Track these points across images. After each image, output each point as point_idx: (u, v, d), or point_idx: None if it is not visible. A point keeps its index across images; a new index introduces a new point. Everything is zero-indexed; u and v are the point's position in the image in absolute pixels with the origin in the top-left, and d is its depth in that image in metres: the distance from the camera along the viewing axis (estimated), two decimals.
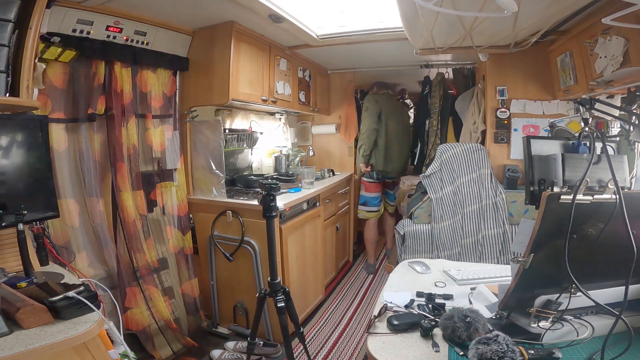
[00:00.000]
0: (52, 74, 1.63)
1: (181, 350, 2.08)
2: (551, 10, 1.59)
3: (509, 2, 1.17)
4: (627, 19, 1.20)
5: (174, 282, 2.17)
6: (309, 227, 2.44)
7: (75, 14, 1.61)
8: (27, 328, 0.96)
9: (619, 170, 0.87)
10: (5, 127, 1.27)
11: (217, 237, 2.19)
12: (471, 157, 2.42)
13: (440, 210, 2.41)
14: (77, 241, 1.75)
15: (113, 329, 1.27)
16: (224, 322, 2.33)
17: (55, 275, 1.34)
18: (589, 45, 1.71)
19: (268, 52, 2.44)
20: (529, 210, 2.23)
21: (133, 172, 1.97)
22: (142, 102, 2.04)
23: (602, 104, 1.11)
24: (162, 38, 2.02)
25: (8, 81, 1.21)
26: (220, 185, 2.23)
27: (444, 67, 3.16)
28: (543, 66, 2.33)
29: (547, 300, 0.86)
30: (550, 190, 0.88)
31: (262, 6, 1.85)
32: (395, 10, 1.82)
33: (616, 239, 0.80)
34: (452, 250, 2.36)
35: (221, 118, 2.34)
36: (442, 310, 1.03)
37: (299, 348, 2.02)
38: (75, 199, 1.75)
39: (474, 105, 2.70)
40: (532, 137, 0.94)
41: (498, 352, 0.73)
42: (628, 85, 1.56)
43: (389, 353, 0.88)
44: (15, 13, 1.20)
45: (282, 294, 1.57)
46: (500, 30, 1.88)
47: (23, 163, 1.31)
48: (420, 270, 1.42)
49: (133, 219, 1.93)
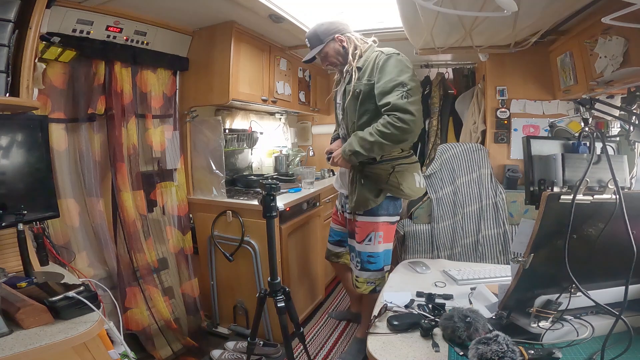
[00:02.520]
0: (52, 74, 1.63)
1: (181, 351, 2.08)
2: (551, 9, 1.59)
3: (509, 2, 1.17)
4: (627, 19, 1.20)
5: (174, 282, 2.17)
6: (309, 227, 2.44)
7: (75, 14, 1.61)
8: (27, 328, 0.96)
9: (619, 170, 0.87)
10: (5, 127, 1.27)
11: (217, 237, 2.19)
12: (471, 157, 2.42)
13: (440, 210, 2.41)
14: (77, 241, 1.75)
15: (113, 329, 1.27)
16: (224, 322, 2.33)
17: (55, 275, 1.34)
18: (589, 45, 1.71)
19: (268, 52, 2.44)
20: (529, 210, 2.24)
21: (133, 172, 1.97)
22: (142, 102, 2.04)
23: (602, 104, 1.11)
24: (162, 38, 2.02)
25: (8, 81, 1.21)
26: (220, 185, 2.23)
27: (444, 67, 3.16)
28: (543, 66, 2.33)
29: (547, 300, 0.86)
30: (550, 190, 0.88)
31: (262, 6, 1.85)
32: (395, 10, 1.82)
33: (616, 239, 0.80)
34: (452, 250, 2.36)
35: (221, 118, 2.34)
36: (442, 310, 1.03)
37: (299, 348, 2.02)
38: (75, 199, 1.75)
39: (474, 105, 2.71)
40: (532, 137, 0.94)
41: (498, 352, 0.73)
42: (628, 85, 1.56)
43: (389, 353, 0.88)
44: (15, 13, 1.20)
45: (282, 294, 1.57)
46: (500, 30, 1.89)
47: (23, 163, 1.31)
48: (420, 270, 1.42)
49: (133, 219, 1.93)
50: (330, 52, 1.69)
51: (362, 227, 1.71)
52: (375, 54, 1.60)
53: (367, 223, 1.70)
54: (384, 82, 1.52)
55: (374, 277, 1.72)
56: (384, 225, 1.70)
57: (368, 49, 1.66)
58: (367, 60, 1.61)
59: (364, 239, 1.71)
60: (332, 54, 1.70)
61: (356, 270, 1.76)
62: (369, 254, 1.71)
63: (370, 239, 1.70)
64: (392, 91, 1.49)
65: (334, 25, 1.68)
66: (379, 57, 1.58)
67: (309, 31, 1.73)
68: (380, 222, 1.69)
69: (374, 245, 1.70)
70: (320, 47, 1.68)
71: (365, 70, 1.60)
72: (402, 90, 1.49)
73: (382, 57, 1.57)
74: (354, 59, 1.65)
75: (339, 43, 1.68)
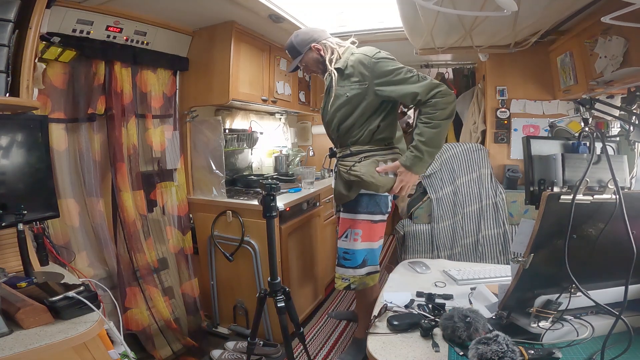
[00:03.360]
0: (52, 74, 1.63)
1: (181, 350, 2.08)
2: (551, 9, 1.59)
3: (509, 2, 1.17)
4: (626, 18, 1.20)
5: (174, 282, 2.17)
6: (309, 227, 2.44)
7: (75, 14, 1.61)
8: (27, 328, 0.95)
9: (619, 170, 0.87)
10: (5, 127, 1.27)
11: (217, 237, 2.19)
12: (471, 157, 2.43)
13: (440, 210, 2.41)
14: (77, 241, 1.75)
15: (113, 329, 1.27)
16: (224, 322, 2.33)
17: (55, 275, 1.34)
18: (589, 45, 1.71)
19: (268, 52, 2.44)
20: (529, 210, 2.24)
21: (133, 172, 1.97)
22: (142, 102, 2.04)
23: (602, 104, 1.11)
24: (162, 38, 2.02)
25: (8, 81, 1.21)
26: (220, 185, 2.23)
27: (444, 67, 3.16)
28: (543, 66, 2.33)
29: (547, 300, 0.86)
30: (550, 190, 0.88)
31: (262, 6, 1.85)
32: (395, 10, 1.82)
33: (616, 239, 0.80)
34: (452, 250, 2.36)
35: (221, 118, 2.34)
36: (442, 310, 1.03)
37: (299, 348, 2.02)
38: (75, 199, 1.75)
39: (474, 105, 2.71)
40: (532, 137, 0.94)
41: (498, 352, 0.73)
42: (628, 85, 1.56)
43: (389, 353, 0.88)
44: (15, 13, 1.20)
45: (282, 294, 1.57)
46: (500, 30, 1.89)
47: (23, 163, 1.31)
48: (420, 270, 1.42)
49: (133, 219, 1.93)
50: (310, 61, 1.70)
51: (342, 223, 1.75)
52: (357, 57, 1.57)
53: (346, 219, 1.73)
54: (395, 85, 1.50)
55: (348, 274, 1.72)
56: (364, 223, 1.69)
57: (346, 51, 1.66)
58: (348, 62, 1.59)
59: (342, 234, 1.74)
60: (311, 63, 1.71)
61: (336, 266, 1.78)
62: (344, 250, 1.73)
63: (347, 236, 1.72)
64: (408, 83, 1.47)
65: (308, 35, 1.69)
66: (365, 61, 1.54)
67: (286, 43, 1.73)
68: (358, 219, 1.69)
69: (350, 242, 1.71)
70: (300, 58, 1.69)
71: (351, 75, 1.57)
72: (413, 75, 1.47)
73: (368, 60, 1.53)
74: (330, 63, 1.64)
75: (316, 52, 1.68)
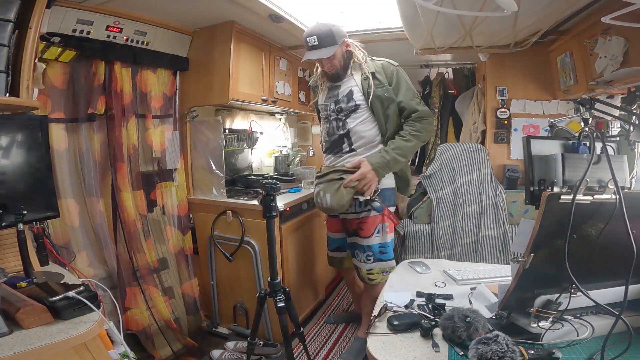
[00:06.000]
0: (52, 74, 1.63)
1: (181, 350, 2.08)
2: (551, 9, 1.59)
3: (509, 2, 1.17)
4: (626, 18, 1.19)
5: (174, 282, 2.17)
6: (309, 227, 2.44)
7: (75, 14, 1.61)
8: (27, 328, 0.95)
9: (619, 170, 0.87)
10: (5, 127, 1.27)
11: (217, 237, 2.19)
12: (471, 157, 2.42)
13: (440, 210, 2.41)
14: (77, 241, 1.75)
15: (113, 329, 1.27)
16: (224, 322, 2.33)
17: (55, 275, 1.34)
18: (589, 45, 1.71)
19: (268, 52, 2.44)
20: (529, 210, 2.24)
21: (133, 172, 1.97)
22: (142, 102, 2.04)
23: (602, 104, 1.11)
24: (162, 38, 2.02)
25: (8, 81, 1.21)
26: (220, 185, 2.23)
27: (444, 67, 3.16)
28: (543, 66, 2.33)
29: (547, 300, 0.86)
30: (550, 190, 0.88)
31: (262, 6, 1.85)
32: (395, 10, 1.82)
33: (616, 239, 0.80)
34: (452, 250, 2.36)
35: (221, 118, 2.34)
36: (442, 310, 1.03)
37: (299, 348, 2.02)
38: (75, 199, 1.75)
39: (474, 105, 2.70)
40: (532, 137, 0.94)
41: (498, 352, 0.73)
42: (628, 85, 1.56)
43: (389, 353, 0.88)
44: (15, 13, 1.20)
45: (282, 294, 1.57)
46: (500, 30, 1.89)
47: (23, 163, 1.31)
48: (420, 270, 1.42)
49: (133, 219, 1.93)
50: (338, 54, 1.73)
51: (371, 222, 1.80)
52: (381, 63, 1.77)
53: (377, 216, 1.79)
54: (405, 93, 1.73)
55: (388, 266, 1.82)
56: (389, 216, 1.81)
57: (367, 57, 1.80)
58: (376, 67, 1.75)
59: (373, 231, 1.80)
60: (339, 57, 1.73)
61: (368, 264, 1.82)
62: (380, 245, 1.81)
63: (378, 231, 1.80)
64: (414, 100, 1.73)
65: (342, 30, 1.74)
66: (389, 68, 1.75)
67: (321, 29, 1.67)
68: (385, 213, 1.79)
69: (383, 236, 1.81)
70: (336, 47, 1.68)
71: (379, 79, 1.73)
72: (418, 99, 1.75)
73: (392, 68, 1.76)
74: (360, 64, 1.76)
75: (345, 48, 1.75)
